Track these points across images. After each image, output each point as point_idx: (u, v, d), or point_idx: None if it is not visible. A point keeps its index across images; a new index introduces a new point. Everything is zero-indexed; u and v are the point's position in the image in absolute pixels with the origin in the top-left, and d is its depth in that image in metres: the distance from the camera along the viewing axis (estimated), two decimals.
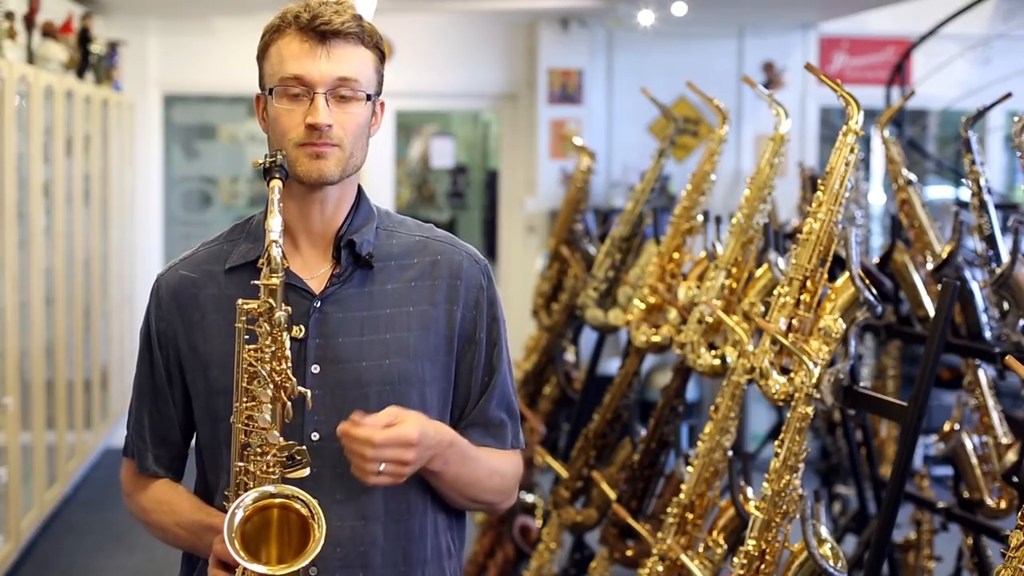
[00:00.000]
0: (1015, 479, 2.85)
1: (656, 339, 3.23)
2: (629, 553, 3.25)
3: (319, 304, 1.72)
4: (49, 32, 5.36)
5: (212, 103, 7.94)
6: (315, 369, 1.71)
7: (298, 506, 1.60)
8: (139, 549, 5.18)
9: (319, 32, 1.68)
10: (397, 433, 1.63)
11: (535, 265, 6.96)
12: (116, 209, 6.57)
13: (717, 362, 2.85)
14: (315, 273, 1.75)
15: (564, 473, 3.64)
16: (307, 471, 1.65)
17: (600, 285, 3.74)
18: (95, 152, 6.05)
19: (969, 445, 3.11)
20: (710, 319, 2.87)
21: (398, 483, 1.67)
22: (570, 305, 4.06)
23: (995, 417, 3.11)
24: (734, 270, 2.90)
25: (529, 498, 4.22)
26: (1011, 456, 2.93)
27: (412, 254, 1.79)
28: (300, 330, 1.70)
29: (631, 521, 3.14)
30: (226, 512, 1.61)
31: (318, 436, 1.71)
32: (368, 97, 1.73)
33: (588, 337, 4.55)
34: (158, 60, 7.16)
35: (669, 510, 2.76)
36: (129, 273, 6.97)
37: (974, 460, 3.10)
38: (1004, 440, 3.08)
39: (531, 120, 7.38)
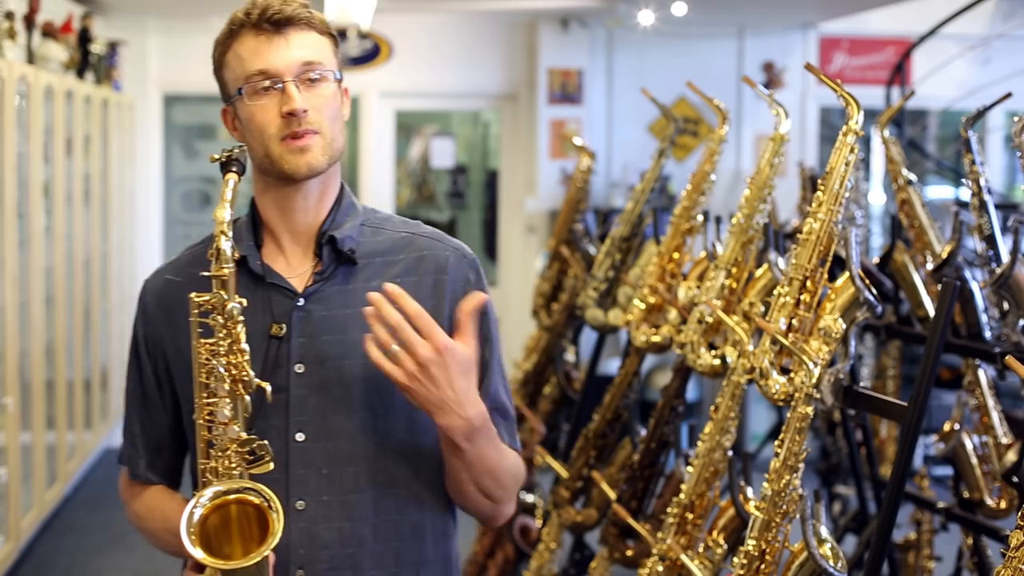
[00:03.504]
0: (1015, 479, 2.85)
1: (656, 339, 3.23)
2: (629, 553, 3.25)
3: (302, 302, 1.70)
4: (49, 32, 5.36)
5: (212, 103, 7.93)
6: (299, 368, 1.68)
7: (252, 497, 1.56)
8: (139, 549, 5.18)
9: (273, 22, 1.67)
10: (430, 324, 1.58)
11: (535, 265, 6.96)
12: (116, 209, 6.57)
13: (717, 362, 2.85)
14: (298, 271, 1.73)
15: (564, 473, 3.64)
16: (271, 465, 1.61)
17: (600, 285, 3.74)
18: (95, 152, 6.05)
19: (969, 445, 3.11)
20: (710, 319, 2.87)
21: (401, 384, 1.59)
22: (570, 305, 4.06)
23: (995, 417, 3.11)
24: (734, 270, 2.90)
25: (529, 498, 4.21)
26: (1011, 456, 2.93)
27: (397, 250, 1.76)
28: (281, 328, 1.68)
29: (631, 521, 3.14)
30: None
31: (303, 437, 1.68)
32: (336, 78, 1.71)
33: (588, 337, 4.55)
34: (158, 60, 7.16)
35: (669, 510, 2.76)
36: (129, 273, 6.97)
37: (974, 460, 3.10)
38: (1004, 440, 3.08)
39: (531, 120, 7.38)
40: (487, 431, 1.68)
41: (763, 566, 2.34)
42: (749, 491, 2.58)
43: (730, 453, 2.70)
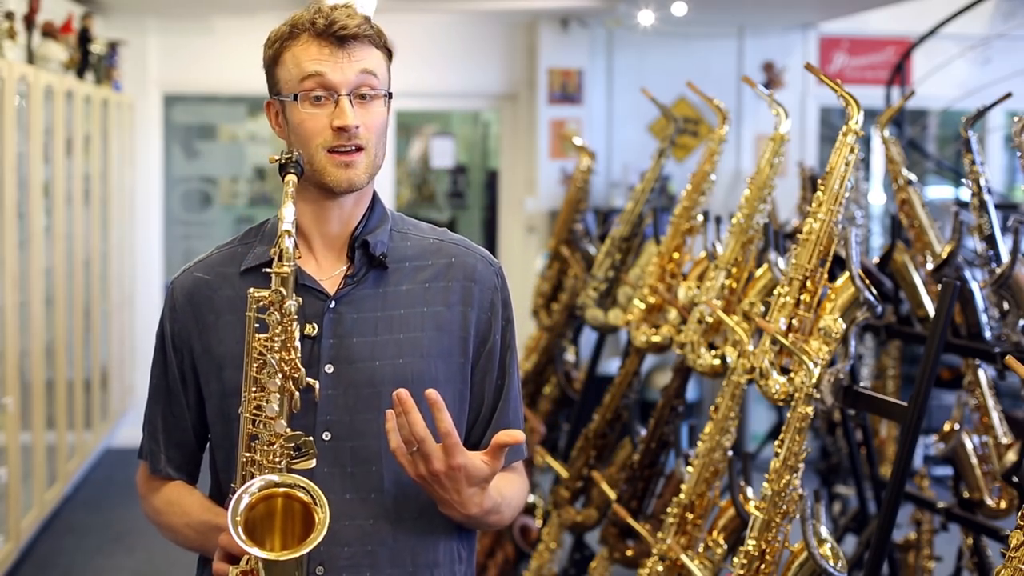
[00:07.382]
0: (1015, 479, 2.85)
1: (656, 339, 3.23)
2: (629, 553, 3.25)
3: (333, 304, 1.73)
4: (49, 32, 5.37)
5: (212, 103, 7.94)
6: (328, 369, 1.71)
7: (300, 494, 1.59)
8: (139, 549, 5.18)
9: (337, 36, 1.70)
10: (454, 444, 1.61)
11: (535, 265, 6.96)
12: (116, 209, 6.57)
13: (717, 362, 2.85)
14: (329, 274, 1.76)
15: (564, 473, 3.65)
16: (313, 462, 1.64)
17: (600, 285, 3.74)
18: (95, 152, 6.05)
19: (969, 445, 3.11)
20: (710, 319, 2.87)
21: (411, 477, 1.65)
22: (570, 305, 4.06)
23: (995, 417, 3.11)
24: (734, 270, 2.90)
25: (529, 498, 4.22)
26: (1011, 456, 2.93)
27: (426, 256, 1.80)
28: (313, 328, 1.70)
29: (631, 521, 3.14)
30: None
31: (329, 436, 1.71)
32: (387, 95, 1.75)
33: (588, 337, 4.55)
34: (158, 60, 7.16)
35: (669, 510, 2.76)
36: (129, 273, 6.97)
37: (974, 460, 3.10)
38: (1004, 440, 3.08)
39: (531, 120, 7.38)
40: (485, 515, 1.73)
41: (763, 566, 2.34)
42: (749, 491, 2.58)
43: (730, 453, 2.70)
